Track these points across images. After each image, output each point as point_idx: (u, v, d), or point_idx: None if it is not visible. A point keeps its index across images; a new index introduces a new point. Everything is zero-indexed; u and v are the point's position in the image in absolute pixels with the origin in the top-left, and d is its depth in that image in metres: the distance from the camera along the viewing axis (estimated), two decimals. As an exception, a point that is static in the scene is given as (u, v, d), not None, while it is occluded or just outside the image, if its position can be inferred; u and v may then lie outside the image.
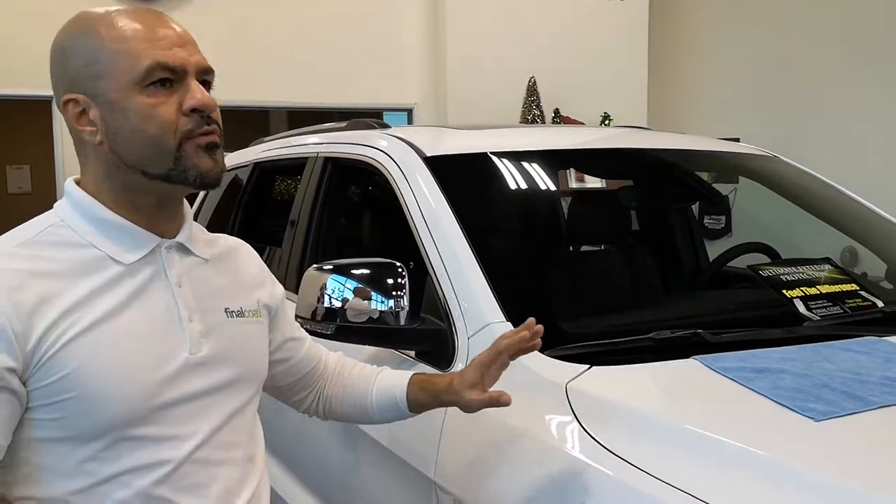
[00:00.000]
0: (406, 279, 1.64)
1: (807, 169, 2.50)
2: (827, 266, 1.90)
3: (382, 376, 1.48)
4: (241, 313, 1.27)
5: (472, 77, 5.78)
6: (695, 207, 3.16)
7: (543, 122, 5.76)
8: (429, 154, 2.01)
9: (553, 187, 2.36)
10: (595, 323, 1.80)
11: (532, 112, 5.74)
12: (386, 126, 2.50)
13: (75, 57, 1.12)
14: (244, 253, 1.38)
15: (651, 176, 2.65)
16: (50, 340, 1.06)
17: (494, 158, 2.11)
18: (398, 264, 1.65)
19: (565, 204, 2.79)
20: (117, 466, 1.11)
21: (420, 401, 1.43)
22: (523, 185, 2.15)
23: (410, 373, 1.46)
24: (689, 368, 1.45)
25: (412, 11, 6.06)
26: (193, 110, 1.12)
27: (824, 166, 2.68)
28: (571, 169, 2.98)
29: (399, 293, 1.63)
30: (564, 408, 1.37)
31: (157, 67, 1.10)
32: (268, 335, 1.35)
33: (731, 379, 1.37)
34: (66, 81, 1.14)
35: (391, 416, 1.47)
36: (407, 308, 1.64)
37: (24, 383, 1.06)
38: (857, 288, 1.84)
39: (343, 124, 2.73)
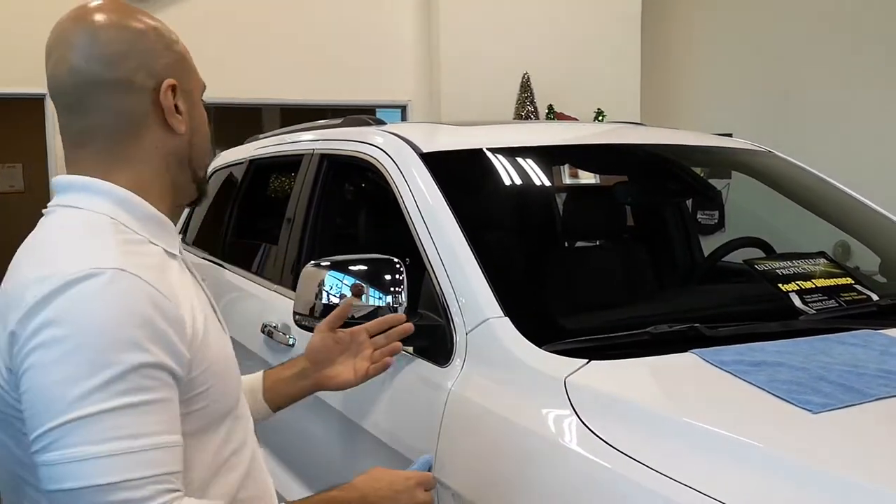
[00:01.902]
0: (404, 275, 1.64)
1: (800, 163, 2.51)
2: (822, 260, 1.91)
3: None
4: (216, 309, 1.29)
5: (465, 73, 5.78)
6: (688, 202, 3.17)
7: (537, 118, 5.76)
8: (425, 150, 2.02)
9: (549, 183, 2.38)
10: (593, 317, 1.80)
11: (526, 108, 5.74)
12: (381, 122, 2.50)
13: (160, 44, 1.13)
14: None
15: (646, 171, 2.66)
16: (194, 333, 1.06)
17: (490, 154, 2.12)
18: (396, 260, 1.65)
19: (560, 200, 2.80)
20: (231, 446, 1.16)
21: (277, 400, 1.51)
22: (519, 181, 2.16)
23: (261, 374, 1.53)
24: (687, 362, 1.45)
25: (406, 8, 6.06)
26: None
27: (817, 161, 2.69)
28: (567, 165, 2.99)
29: (397, 289, 1.63)
30: (563, 402, 1.37)
31: (203, 87, 1.23)
32: None
33: (729, 372, 1.38)
34: (151, 66, 1.11)
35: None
36: (405, 304, 1.64)
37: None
38: (852, 282, 1.85)
39: (338, 121, 2.73)
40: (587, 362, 1.45)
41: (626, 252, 2.51)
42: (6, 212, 7.58)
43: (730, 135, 3.83)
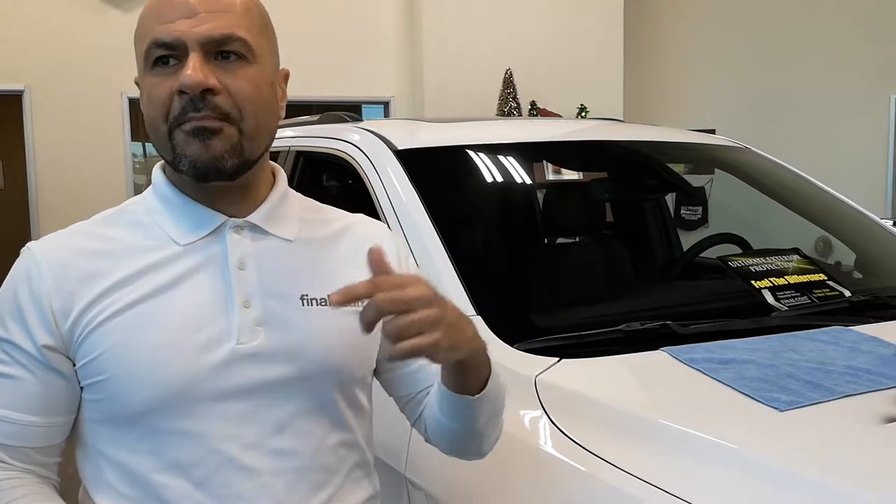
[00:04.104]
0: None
1: (778, 160, 2.51)
2: (795, 256, 1.91)
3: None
4: (326, 301, 1.08)
5: (448, 69, 5.77)
6: (671, 199, 3.17)
7: (520, 114, 5.76)
8: (400, 147, 2.00)
9: (526, 180, 2.36)
10: (565, 315, 1.80)
11: (509, 104, 5.74)
12: (358, 119, 2.49)
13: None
14: (372, 235, 1.19)
15: (625, 168, 2.65)
16: (87, 319, 1.02)
17: (466, 151, 2.11)
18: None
19: (539, 196, 2.79)
20: (155, 462, 1.02)
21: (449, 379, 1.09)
22: (495, 178, 2.15)
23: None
24: (658, 360, 1.45)
25: (389, 4, 6.04)
26: (180, 92, 0.99)
27: (800, 158, 2.70)
28: (545, 161, 2.98)
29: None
30: (533, 401, 1.37)
31: (153, 45, 1.01)
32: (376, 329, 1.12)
33: (698, 370, 1.38)
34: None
35: (449, 412, 1.14)
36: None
37: (72, 363, 1.05)
38: (825, 278, 1.85)
39: (315, 118, 2.72)
40: (558, 361, 1.45)
41: (602, 249, 2.50)
42: (-14, 208, 7.52)
43: (713, 131, 3.84)
